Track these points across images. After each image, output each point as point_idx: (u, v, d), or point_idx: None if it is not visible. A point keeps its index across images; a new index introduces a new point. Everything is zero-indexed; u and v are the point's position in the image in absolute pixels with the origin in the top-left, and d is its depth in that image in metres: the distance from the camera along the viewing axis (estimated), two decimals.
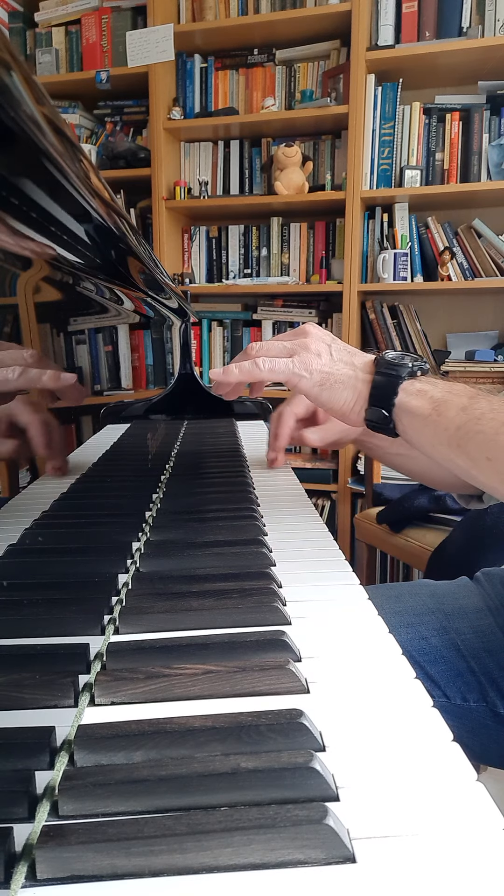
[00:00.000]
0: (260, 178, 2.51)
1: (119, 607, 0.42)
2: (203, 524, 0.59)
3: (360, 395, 0.59)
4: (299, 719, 0.29)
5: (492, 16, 2.16)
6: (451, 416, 0.54)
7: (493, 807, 0.25)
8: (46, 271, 0.63)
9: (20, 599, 0.42)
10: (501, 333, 2.40)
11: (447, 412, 0.55)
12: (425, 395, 0.56)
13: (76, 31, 2.53)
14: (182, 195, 2.46)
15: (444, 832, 0.24)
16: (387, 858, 0.23)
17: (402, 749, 0.29)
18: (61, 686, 0.32)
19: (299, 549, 0.55)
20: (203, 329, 2.59)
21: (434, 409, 0.55)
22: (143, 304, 1.01)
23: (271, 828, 0.23)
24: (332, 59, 2.37)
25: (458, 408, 0.54)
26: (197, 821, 0.23)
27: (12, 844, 0.23)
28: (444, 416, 0.54)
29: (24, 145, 0.36)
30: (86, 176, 0.46)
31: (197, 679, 0.33)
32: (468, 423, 0.53)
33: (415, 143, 2.29)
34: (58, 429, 0.69)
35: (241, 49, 2.45)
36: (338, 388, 0.59)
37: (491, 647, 0.76)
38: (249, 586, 0.44)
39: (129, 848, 0.23)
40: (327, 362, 0.60)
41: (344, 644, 0.39)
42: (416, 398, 0.56)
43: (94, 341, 0.85)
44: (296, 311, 2.49)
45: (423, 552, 1.55)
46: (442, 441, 0.55)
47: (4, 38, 0.29)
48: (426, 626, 0.78)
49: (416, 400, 0.56)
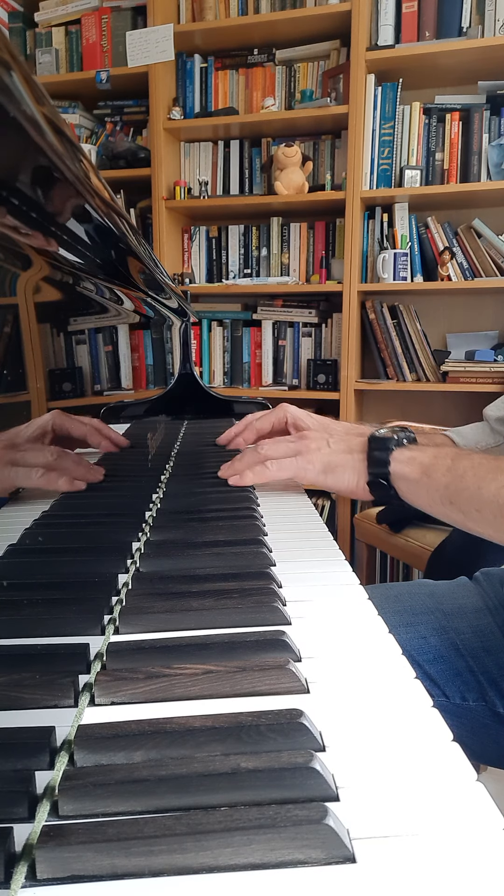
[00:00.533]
0: (260, 178, 2.51)
1: (119, 607, 0.42)
2: (203, 524, 0.59)
3: (361, 473, 0.67)
4: (299, 719, 0.29)
5: (492, 16, 2.16)
6: (438, 477, 0.62)
7: (493, 807, 0.25)
8: (46, 271, 0.63)
9: (20, 599, 0.42)
10: (501, 333, 2.40)
11: (434, 474, 0.62)
12: (414, 462, 0.64)
13: (76, 31, 2.53)
14: (182, 195, 2.46)
15: (445, 832, 0.24)
16: (387, 858, 0.23)
17: (401, 749, 0.29)
18: (61, 686, 0.32)
19: (299, 549, 0.55)
20: (203, 329, 2.59)
21: (423, 472, 0.63)
22: (143, 304, 1.01)
23: (271, 828, 0.23)
24: (332, 59, 2.37)
25: (444, 469, 0.62)
26: (197, 821, 0.23)
27: (12, 844, 0.23)
28: (433, 479, 0.62)
29: (24, 145, 0.36)
30: (86, 176, 0.46)
31: (197, 679, 0.33)
32: (454, 482, 0.60)
33: (415, 143, 2.29)
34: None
35: (241, 49, 2.45)
36: (339, 471, 0.68)
37: (490, 647, 0.76)
38: (249, 586, 0.44)
39: (129, 848, 0.22)
40: (327, 453, 0.68)
41: (344, 644, 0.39)
42: (406, 465, 0.64)
43: (94, 341, 0.85)
44: (296, 311, 2.49)
45: (423, 552, 1.55)
46: (435, 500, 0.62)
47: (4, 38, 0.29)
48: (426, 625, 0.78)
49: (406, 467, 0.64)
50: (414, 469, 0.63)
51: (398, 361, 2.37)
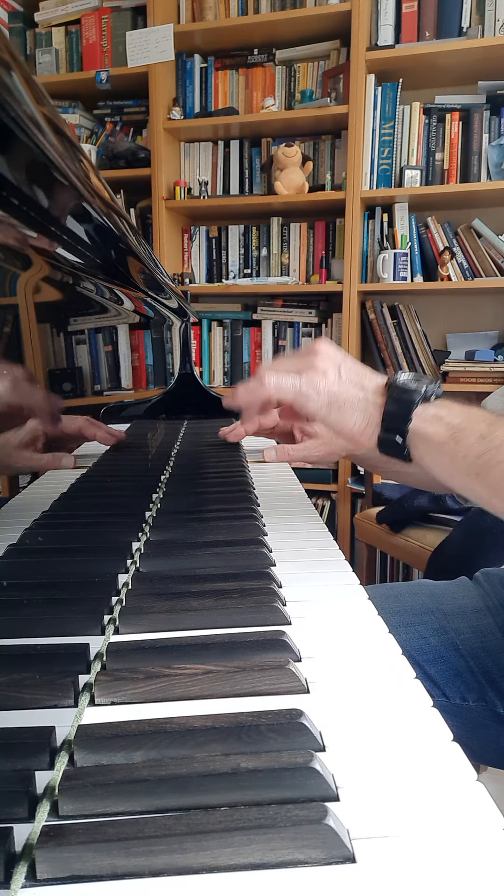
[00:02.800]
0: (260, 178, 2.51)
1: (119, 607, 0.42)
2: (203, 524, 0.59)
3: (372, 419, 0.56)
4: (299, 719, 0.29)
5: (492, 16, 2.16)
6: (469, 443, 0.52)
7: (493, 807, 0.25)
8: (46, 271, 0.63)
9: (20, 599, 0.42)
10: (501, 333, 2.40)
11: (465, 440, 0.53)
12: (441, 421, 0.54)
13: (76, 31, 2.53)
14: (182, 195, 2.46)
15: (444, 832, 0.24)
16: (387, 858, 0.23)
17: (401, 749, 0.29)
18: (61, 686, 0.32)
19: (299, 549, 0.55)
20: (203, 329, 2.59)
21: (451, 436, 0.53)
22: (143, 304, 1.01)
23: (271, 828, 0.23)
24: (332, 59, 2.37)
25: (477, 435, 0.52)
26: (197, 821, 0.23)
27: (12, 844, 0.23)
28: (462, 444, 0.52)
29: (24, 145, 0.36)
30: (86, 176, 0.46)
31: (197, 679, 0.33)
32: (488, 452, 0.51)
33: (415, 143, 2.28)
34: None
35: (241, 49, 2.45)
36: (347, 409, 0.57)
37: (490, 647, 0.76)
38: (249, 586, 0.44)
39: (129, 848, 0.22)
40: (334, 381, 0.57)
41: (344, 644, 0.39)
42: (431, 424, 0.54)
43: (94, 341, 0.85)
44: (296, 311, 2.48)
45: (423, 552, 1.55)
46: (461, 470, 0.53)
47: (4, 38, 0.29)
48: (426, 625, 0.78)
49: (431, 426, 0.54)
50: (440, 430, 0.54)
51: (398, 361, 2.37)
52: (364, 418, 0.57)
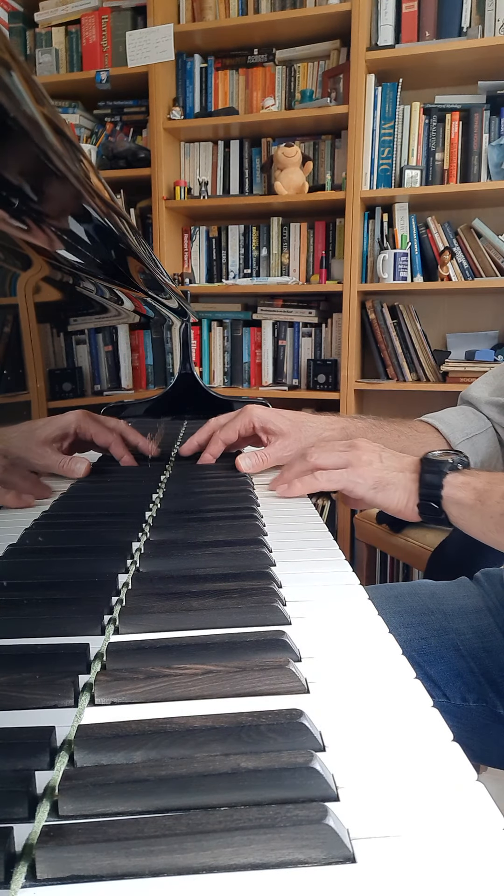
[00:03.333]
0: (260, 178, 2.51)
1: (119, 607, 0.42)
2: (203, 524, 0.59)
3: (411, 493, 0.65)
4: (299, 719, 0.29)
5: (492, 16, 2.16)
6: (493, 503, 0.60)
7: (493, 807, 0.25)
8: (46, 271, 0.63)
9: (20, 599, 0.42)
10: (501, 333, 2.40)
11: (489, 500, 0.60)
12: (468, 487, 0.62)
13: (76, 31, 2.53)
14: (182, 195, 2.46)
15: (445, 832, 0.24)
16: (387, 858, 0.23)
17: (402, 749, 0.29)
18: (61, 686, 0.32)
19: (299, 549, 0.55)
20: (203, 329, 2.59)
21: (478, 498, 0.61)
22: (143, 304, 1.01)
23: (271, 828, 0.23)
24: (332, 59, 2.37)
25: (499, 495, 0.60)
26: (197, 821, 0.23)
27: (12, 844, 0.23)
28: (488, 505, 0.60)
29: (24, 145, 0.36)
30: (86, 176, 0.46)
31: (197, 679, 0.33)
32: None
33: (415, 143, 2.29)
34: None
35: (241, 49, 2.45)
36: (390, 489, 0.66)
37: (490, 648, 0.76)
38: (249, 586, 0.44)
39: (129, 848, 0.22)
40: (378, 468, 0.66)
41: (344, 644, 0.39)
42: (460, 490, 0.62)
43: (94, 341, 0.85)
44: (296, 311, 2.49)
45: (423, 552, 1.55)
46: (489, 527, 0.60)
47: (4, 38, 0.29)
48: (426, 626, 0.78)
49: (461, 492, 0.62)
50: (468, 494, 0.62)
51: (398, 361, 2.37)
52: (405, 494, 0.65)
